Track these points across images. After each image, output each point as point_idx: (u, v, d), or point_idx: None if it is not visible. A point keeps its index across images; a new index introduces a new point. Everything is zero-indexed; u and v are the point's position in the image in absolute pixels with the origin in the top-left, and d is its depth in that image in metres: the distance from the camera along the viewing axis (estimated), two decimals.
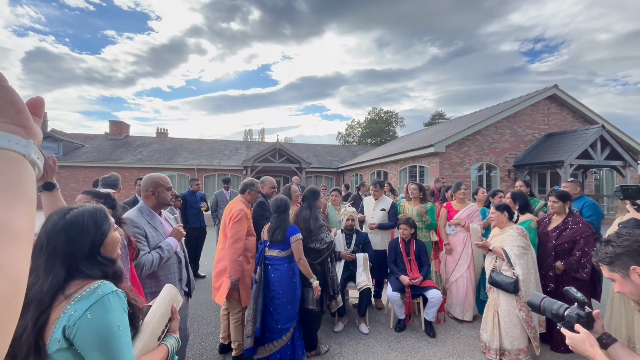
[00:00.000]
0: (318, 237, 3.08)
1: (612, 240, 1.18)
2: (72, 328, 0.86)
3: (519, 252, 2.97)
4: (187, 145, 22.28)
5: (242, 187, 3.17)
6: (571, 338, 1.18)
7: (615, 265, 1.16)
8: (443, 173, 11.28)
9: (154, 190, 2.17)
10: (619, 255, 1.14)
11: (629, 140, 12.26)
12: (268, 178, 3.63)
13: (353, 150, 26.18)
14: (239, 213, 2.90)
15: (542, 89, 12.64)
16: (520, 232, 3.07)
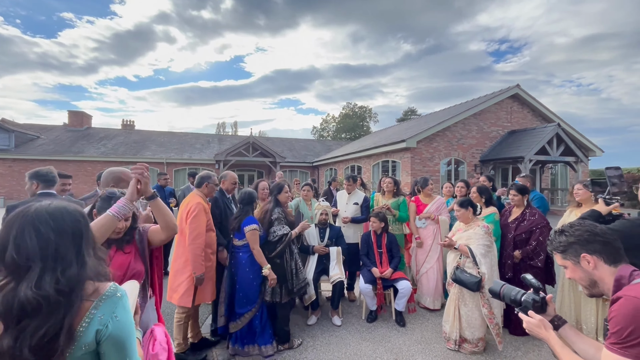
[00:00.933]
0: (270, 231, 3.11)
1: (565, 230, 1.26)
2: (104, 330, 0.88)
3: (484, 251, 3.00)
4: (155, 138, 21.33)
5: (198, 180, 3.07)
6: (527, 322, 1.26)
7: (568, 254, 1.24)
8: (414, 168, 11.63)
9: (114, 185, 2.02)
10: (571, 244, 1.22)
11: (581, 138, 13.24)
12: (229, 173, 3.51)
13: (328, 145, 26.30)
14: (197, 207, 2.79)
15: (506, 88, 13.32)
16: (486, 229, 3.10)
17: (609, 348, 1.07)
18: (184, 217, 2.83)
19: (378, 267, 3.81)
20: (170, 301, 2.88)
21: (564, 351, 1.17)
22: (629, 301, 1.05)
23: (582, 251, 1.20)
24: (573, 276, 1.25)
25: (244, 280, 3.00)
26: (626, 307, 1.05)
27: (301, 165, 21.21)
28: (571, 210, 3.30)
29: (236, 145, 17.75)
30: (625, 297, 1.07)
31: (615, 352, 1.04)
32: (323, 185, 19.52)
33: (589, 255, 1.19)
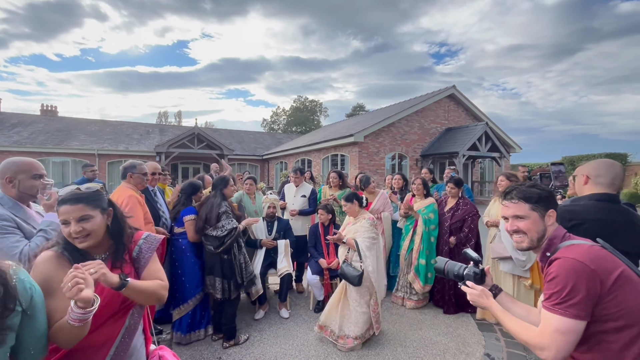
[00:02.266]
0: (218, 225, 3.01)
1: (537, 185, 1.29)
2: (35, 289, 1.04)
3: (369, 244, 2.98)
4: (84, 127, 19.09)
5: (122, 171, 2.83)
6: (470, 294, 1.32)
7: (539, 205, 1.24)
8: (362, 162, 12.06)
9: (12, 177, 1.74)
10: (545, 198, 1.25)
11: (504, 136, 14.89)
12: (149, 162, 3.37)
13: (278, 138, 26.00)
14: (129, 200, 2.58)
15: (444, 88, 14.40)
16: (371, 222, 3.08)
17: (550, 309, 1.10)
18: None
19: (325, 258, 3.90)
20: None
21: (505, 316, 1.24)
22: (567, 262, 1.10)
23: (551, 207, 1.25)
24: (530, 227, 1.25)
25: (188, 266, 3.06)
26: (565, 268, 1.09)
27: (250, 158, 20.69)
28: (495, 200, 3.72)
29: (179, 136, 16.66)
30: (563, 258, 1.12)
31: (555, 312, 1.08)
32: (274, 179, 19.31)
33: (554, 211, 1.25)
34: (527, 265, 3.21)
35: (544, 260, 1.25)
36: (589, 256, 1.10)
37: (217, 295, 2.98)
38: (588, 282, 1.06)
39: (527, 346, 1.16)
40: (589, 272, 1.07)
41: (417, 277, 3.85)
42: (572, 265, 1.09)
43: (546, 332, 1.09)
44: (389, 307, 3.94)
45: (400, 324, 3.49)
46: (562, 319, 1.07)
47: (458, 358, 2.86)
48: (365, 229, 3.04)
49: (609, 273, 1.07)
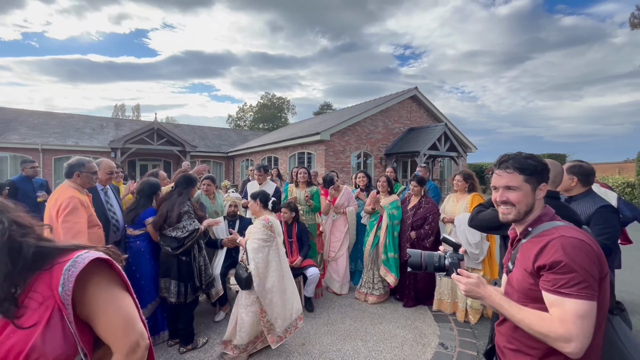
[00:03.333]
0: (178, 225, 2.88)
1: (533, 157, 1.22)
2: None
3: (257, 246, 2.79)
4: (26, 119, 17.31)
5: (67, 169, 2.55)
6: (466, 284, 1.18)
7: (533, 177, 1.19)
8: (328, 160, 12.15)
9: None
10: (540, 171, 1.20)
11: (462, 137, 15.74)
12: (105, 161, 3.10)
13: (244, 135, 25.41)
14: (70, 201, 2.36)
15: (407, 89, 14.90)
16: (265, 223, 2.87)
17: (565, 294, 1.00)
18: (54, 216, 2.36)
19: (289, 256, 3.87)
20: None
21: (511, 305, 1.11)
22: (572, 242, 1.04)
23: (544, 180, 1.20)
24: (520, 200, 1.18)
25: (146, 269, 2.94)
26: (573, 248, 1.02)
27: (215, 156, 20.02)
28: (449, 197, 3.92)
29: (137, 131, 15.67)
30: (565, 237, 1.05)
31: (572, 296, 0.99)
32: (239, 176, 18.86)
33: (546, 185, 1.21)
34: (479, 258, 3.43)
35: (524, 234, 1.21)
36: (590, 238, 1.07)
37: (171, 299, 2.85)
38: (595, 263, 1.02)
39: (544, 340, 1.02)
40: (596, 253, 1.03)
41: (389, 272, 3.94)
42: (580, 246, 1.02)
43: (569, 320, 0.98)
44: (352, 303, 4.01)
45: (362, 319, 3.57)
46: (582, 302, 0.98)
47: (415, 349, 2.98)
48: (257, 230, 2.87)
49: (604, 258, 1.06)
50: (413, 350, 2.95)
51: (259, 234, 2.85)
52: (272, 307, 2.79)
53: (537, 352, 1.10)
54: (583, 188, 2.46)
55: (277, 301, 2.81)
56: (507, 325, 1.21)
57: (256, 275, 2.76)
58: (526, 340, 1.12)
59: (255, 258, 2.78)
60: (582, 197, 2.44)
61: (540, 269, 1.06)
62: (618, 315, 1.14)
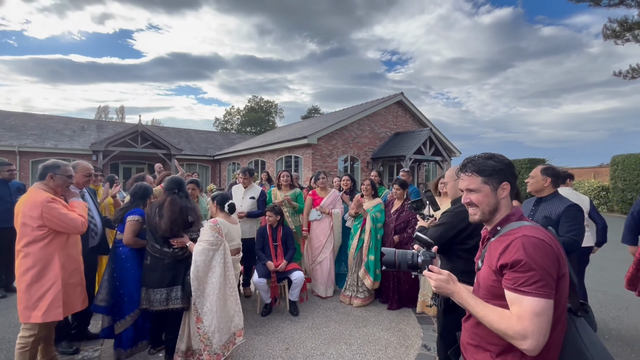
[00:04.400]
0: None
1: (494, 157, 1.25)
2: None
3: (202, 248, 2.66)
4: (2, 120, 16.69)
5: (41, 170, 2.45)
6: (436, 280, 1.20)
7: (492, 178, 1.21)
8: (315, 163, 12.17)
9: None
10: (499, 170, 1.21)
11: (446, 141, 16.06)
12: (81, 163, 3.00)
13: (231, 138, 25.19)
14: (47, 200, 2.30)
15: (393, 95, 15.13)
16: (212, 225, 2.77)
17: (523, 292, 1.01)
18: (34, 220, 2.28)
19: (273, 260, 3.86)
20: (29, 322, 2.32)
21: (476, 302, 1.13)
22: (532, 241, 1.06)
23: (505, 180, 1.22)
24: (481, 201, 1.22)
25: (126, 277, 2.83)
26: (533, 247, 1.04)
27: (201, 159, 19.75)
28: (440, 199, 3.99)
29: (121, 133, 15.31)
30: (526, 236, 1.07)
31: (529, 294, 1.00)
32: (225, 180, 18.66)
33: (508, 183, 1.22)
34: None
35: (493, 233, 1.23)
36: (551, 237, 1.10)
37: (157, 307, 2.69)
38: (553, 262, 1.04)
39: (504, 336, 1.05)
40: (555, 252, 1.06)
41: (367, 274, 3.97)
42: (539, 245, 1.05)
43: (525, 317, 1.00)
44: (337, 306, 4.02)
45: (347, 323, 3.58)
46: (538, 300, 1.00)
47: (399, 351, 3.01)
48: (204, 232, 2.75)
49: (563, 257, 1.09)
50: (396, 353, 2.98)
51: (206, 236, 2.71)
52: (210, 316, 2.59)
53: (496, 348, 1.13)
54: (552, 189, 2.64)
55: (215, 310, 2.60)
56: (471, 321, 1.24)
57: (194, 279, 2.60)
58: (486, 336, 1.15)
59: (196, 260, 2.62)
60: (551, 197, 2.64)
61: (502, 268, 1.09)
62: (582, 317, 1.17)
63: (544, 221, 2.49)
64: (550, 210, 2.55)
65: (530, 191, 2.75)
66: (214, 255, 2.69)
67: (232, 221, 3.12)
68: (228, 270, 2.77)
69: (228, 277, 2.77)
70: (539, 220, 2.52)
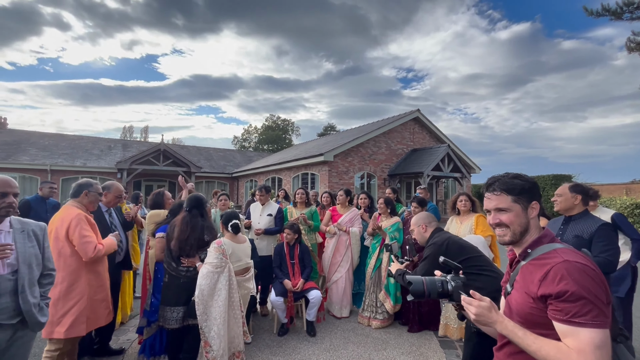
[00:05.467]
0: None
1: (520, 176, 1.21)
2: None
3: (207, 272, 2.65)
4: (36, 140, 17.79)
5: (75, 188, 2.63)
6: (478, 307, 1.10)
7: (522, 196, 1.17)
8: (331, 180, 12.20)
9: None
10: (528, 190, 1.18)
11: (465, 157, 15.79)
12: (115, 184, 3.19)
13: (249, 156, 25.73)
14: (78, 217, 2.44)
15: (409, 111, 15.15)
16: (217, 246, 2.76)
17: (579, 324, 0.94)
18: (63, 236, 2.41)
19: (291, 278, 3.83)
20: (52, 337, 2.40)
21: (526, 333, 1.04)
22: (578, 267, 0.98)
23: (535, 198, 1.18)
24: (512, 221, 1.16)
25: (157, 288, 2.95)
26: (580, 273, 0.97)
27: (219, 176, 20.20)
28: (452, 219, 3.90)
29: (144, 152, 15.98)
30: (568, 262, 1.00)
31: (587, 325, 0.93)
32: (243, 197, 18.92)
33: (537, 203, 1.18)
34: None
35: (524, 256, 1.17)
36: (592, 262, 1.02)
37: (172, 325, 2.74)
38: (602, 287, 0.97)
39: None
40: (601, 277, 0.98)
41: (388, 297, 3.86)
42: (586, 270, 0.97)
43: (587, 351, 0.91)
44: (355, 328, 3.91)
45: (365, 345, 3.46)
46: (597, 331, 0.92)
47: None
48: (209, 253, 2.74)
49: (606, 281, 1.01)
50: None
51: (211, 258, 2.69)
52: (217, 340, 2.56)
53: None
54: (583, 207, 2.52)
55: (223, 334, 2.58)
56: (506, 350, 1.16)
57: (200, 303, 2.57)
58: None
59: (201, 284, 2.59)
60: (581, 216, 2.51)
61: (546, 297, 1.01)
62: (622, 344, 1.10)
63: (575, 241, 2.37)
64: (581, 229, 2.42)
65: (558, 210, 2.62)
66: (218, 278, 2.66)
67: (238, 241, 3.04)
68: (233, 292, 2.75)
69: (232, 299, 2.74)
70: (570, 240, 2.41)
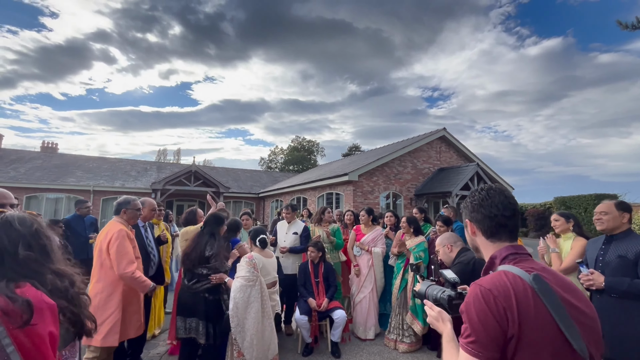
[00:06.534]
0: (212, 266, 2.87)
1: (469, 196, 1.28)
2: None
3: (240, 285, 2.77)
4: (82, 163, 19.27)
5: (116, 207, 2.91)
6: (429, 315, 1.22)
7: (463, 216, 1.27)
8: (356, 200, 12.14)
9: None
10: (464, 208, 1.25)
11: (495, 176, 15.20)
12: (148, 200, 3.45)
13: (275, 176, 26.27)
14: (119, 234, 2.66)
15: (435, 130, 14.96)
16: (248, 260, 2.90)
17: (460, 344, 0.95)
18: (105, 248, 2.63)
19: (315, 297, 3.81)
20: (90, 345, 2.56)
21: (448, 345, 1.08)
22: (474, 288, 0.95)
23: (467, 217, 1.23)
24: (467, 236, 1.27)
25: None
26: (470, 295, 0.95)
27: (246, 196, 20.72)
28: None
29: (176, 173, 16.82)
30: (474, 284, 0.97)
31: (461, 347, 0.93)
32: (269, 216, 19.19)
33: (469, 222, 1.20)
34: None
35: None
36: (500, 283, 0.92)
37: (200, 340, 2.80)
38: (495, 317, 0.87)
39: None
40: (502, 306, 0.88)
41: (415, 318, 3.73)
42: (481, 296, 0.91)
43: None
44: (381, 351, 3.78)
45: None
46: (467, 356, 0.90)
47: None
48: (241, 268, 2.88)
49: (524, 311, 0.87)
50: None
51: (243, 272, 2.82)
52: (251, 350, 2.66)
53: None
54: (628, 226, 2.37)
55: (256, 343, 2.69)
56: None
57: (234, 316, 2.68)
58: None
59: (235, 297, 2.71)
60: (625, 235, 2.36)
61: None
62: None
63: (618, 261, 2.22)
64: (625, 249, 2.26)
65: (603, 229, 2.43)
66: (251, 291, 2.77)
67: (267, 255, 3.23)
68: (265, 302, 2.85)
69: (265, 310, 2.84)
70: (613, 261, 2.26)
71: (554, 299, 0.89)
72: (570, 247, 3.02)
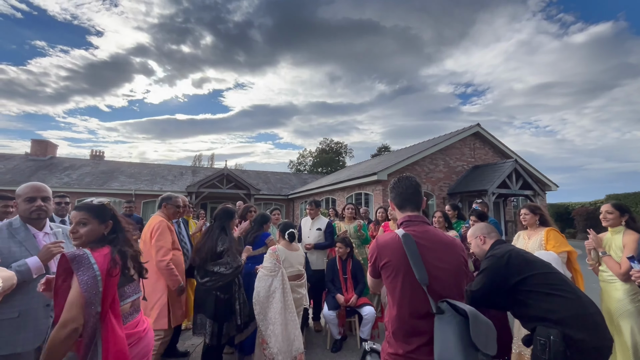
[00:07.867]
0: (222, 262, 2.80)
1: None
2: None
3: (261, 274, 2.89)
4: (125, 169, 20.66)
5: (159, 202, 3.27)
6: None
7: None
8: (385, 200, 11.90)
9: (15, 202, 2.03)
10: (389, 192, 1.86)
11: (537, 173, 14.25)
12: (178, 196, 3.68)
13: (304, 178, 26.51)
14: (160, 225, 2.88)
15: (468, 126, 14.33)
16: (272, 252, 2.99)
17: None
18: (148, 238, 2.84)
19: (343, 293, 3.76)
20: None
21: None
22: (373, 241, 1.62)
23: (389, 199, 1.71)
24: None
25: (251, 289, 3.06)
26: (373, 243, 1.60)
27: (276, 198, 21.08)
28: (519, 235, 3.50)
29: (210, 177, 17.51)
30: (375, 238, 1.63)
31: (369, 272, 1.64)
32: (298, 217, 19.37)
33: (390, 201, 1.72)
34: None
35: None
36: (386, 238, 1.56)
37: (205, 340, 2.75)
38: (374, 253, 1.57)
39: None
40: (375, 247, 1.58)
41: None
42: (373, 243, 1.63)
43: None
44: None
45: None
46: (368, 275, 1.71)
47: None
48: (266, 258, 3.03)
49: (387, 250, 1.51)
50: None
51: (266, 262, 2.96)
52: (273, 338, 2.72)
53: None
54: None
55: (278, 333, 2.73)
56: None
57: (256, 303, 2.83)
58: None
59: (257, 286, 2.87)
60: None
61: None
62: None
63: None
64: None
65: None
66: (272, 281, 2.85)
67: (293, 248, 3.26)
68: (287, 295, 2.88)
69: (287, 302, 2.87)
70: None
71: (411, 246, 1.45)
72: (621, 242, 2.73)
